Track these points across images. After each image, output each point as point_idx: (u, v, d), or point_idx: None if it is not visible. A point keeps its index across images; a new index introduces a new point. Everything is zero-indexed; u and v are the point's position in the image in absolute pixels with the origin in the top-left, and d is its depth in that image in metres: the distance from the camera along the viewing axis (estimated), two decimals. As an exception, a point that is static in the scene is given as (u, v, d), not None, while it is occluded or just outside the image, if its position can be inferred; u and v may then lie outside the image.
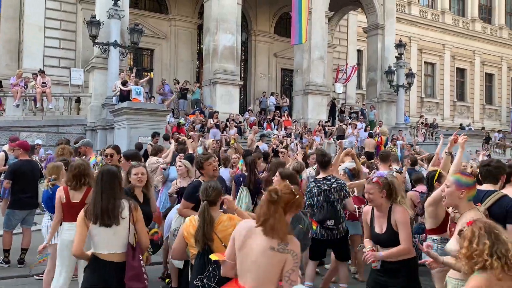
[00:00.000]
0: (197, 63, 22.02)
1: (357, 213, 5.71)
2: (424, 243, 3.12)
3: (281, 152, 9.36)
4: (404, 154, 14.29)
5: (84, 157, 6.63)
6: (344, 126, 18.21)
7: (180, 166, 5.72)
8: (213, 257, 2.95)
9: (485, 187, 3.79)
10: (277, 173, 4.68)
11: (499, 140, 24.69)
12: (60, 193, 4.27)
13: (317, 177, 5.11)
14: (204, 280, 3.04)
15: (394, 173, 6.16)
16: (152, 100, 16.23)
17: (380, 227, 3.48)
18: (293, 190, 2.61)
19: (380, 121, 19.67)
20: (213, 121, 14.99)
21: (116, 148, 5.82)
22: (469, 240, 2.22)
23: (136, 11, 19.25)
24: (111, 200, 3.20)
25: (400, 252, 3.38)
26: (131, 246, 3.23)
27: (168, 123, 13.88)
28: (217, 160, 5.14)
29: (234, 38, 17.43)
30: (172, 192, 5.79)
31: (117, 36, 14.61)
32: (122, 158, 5.83)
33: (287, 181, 4.65)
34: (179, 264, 4.04)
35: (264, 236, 2.54)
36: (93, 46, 15.00)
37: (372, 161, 9.32)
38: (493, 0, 33.97)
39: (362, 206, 5.73)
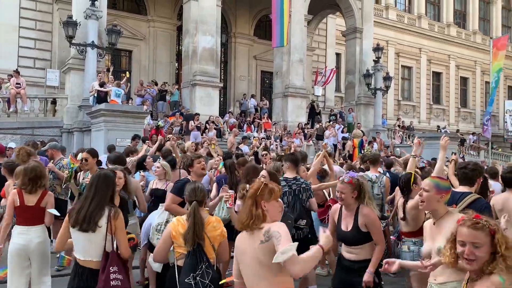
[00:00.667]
0: (176, 64, 21.86)
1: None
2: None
3: (263, 155, 9.39)
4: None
5: (51, 160, 6.57)
6: (324, 126, 18.35)
7: (158, 167, 5.67)
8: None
9: (461, 189, 3.87)
10: (264, 172, 4.72)
11: (473, 142, 25.26)
12: (13, 196, 4.14)
13: (288, 177, 5.08)
14: (197, 278, 3.03)
15: (384, 177, 6.26)
16: (130, 102, 16.01)
17: (346, 225, 3.58)
18: (261, 180, 2.68)
19: (359, 123, 19.89)
20: (194, 123, 14.89)
21: (91, 152, 5.57)
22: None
23: (114, 11, 18.97)
24: (97, 208, 3.15)
25: (379, 252, 3.46)
26: (105, 257, 3.15)
27: (148, 125, 13.73)
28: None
29: (213, 40, 17.37)
30: (140, 180, 5.82)
31: (95, 37, 14.38)
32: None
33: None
34: (158, 267, 3.98)
35: (249, 236, 2.57)
36: (70, 47, 14.72)
37: (353, 163, 9.48)
38: (467, 6, 34.78)
39: None
